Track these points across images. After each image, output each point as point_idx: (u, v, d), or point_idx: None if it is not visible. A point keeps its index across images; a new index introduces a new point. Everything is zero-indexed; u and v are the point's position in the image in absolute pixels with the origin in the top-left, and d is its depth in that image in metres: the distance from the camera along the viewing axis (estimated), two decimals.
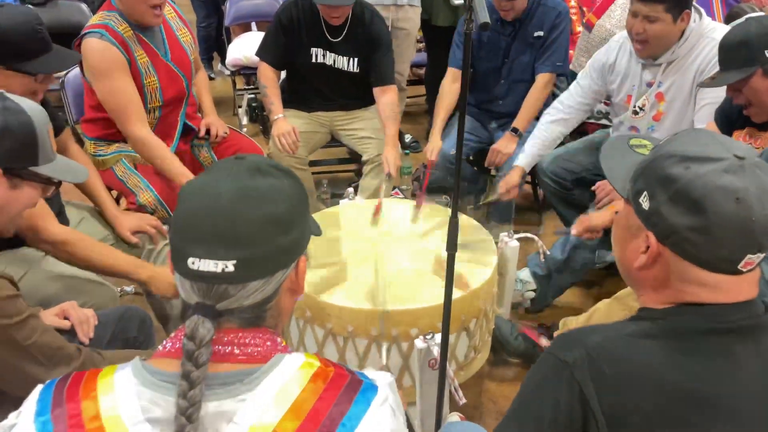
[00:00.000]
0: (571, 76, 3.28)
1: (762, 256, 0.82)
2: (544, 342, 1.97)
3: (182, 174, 2.10)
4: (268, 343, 0.81)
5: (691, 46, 2.11)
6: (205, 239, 0.77)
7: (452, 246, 1.34)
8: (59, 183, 1.34)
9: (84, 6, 3.69)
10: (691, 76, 2.14)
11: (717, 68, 2.03)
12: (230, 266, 0.76)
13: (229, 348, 0.78)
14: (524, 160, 2.45)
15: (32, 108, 1.24)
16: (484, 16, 1.04)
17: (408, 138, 3.82)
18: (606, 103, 2.66)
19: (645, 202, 0.85)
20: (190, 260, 0.77)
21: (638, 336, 0.84)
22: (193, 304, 0.79)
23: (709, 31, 2.10)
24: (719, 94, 1.99)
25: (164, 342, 0.82)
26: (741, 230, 0.79)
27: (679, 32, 2.08)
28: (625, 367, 0.82)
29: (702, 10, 2.14)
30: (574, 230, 2.03)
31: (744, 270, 0.82)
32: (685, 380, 0.80)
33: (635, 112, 2.30)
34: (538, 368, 0.89)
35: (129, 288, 2.49)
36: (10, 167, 1.19)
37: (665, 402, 0.80)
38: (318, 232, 0.91)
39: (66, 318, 1.50)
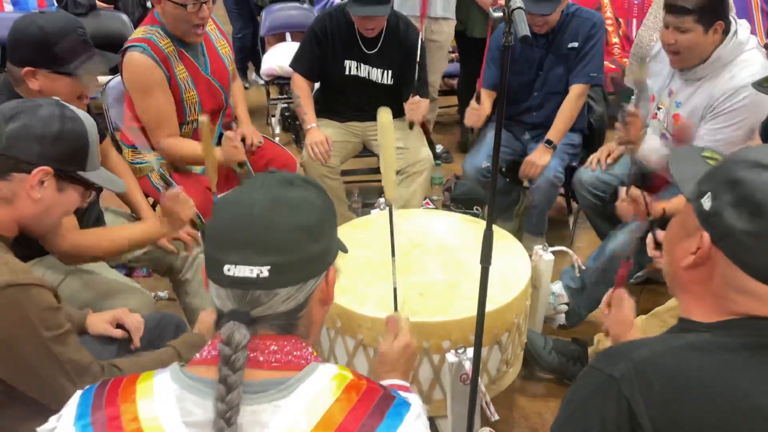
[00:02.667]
0: (624, 93, 3.27)
1: None
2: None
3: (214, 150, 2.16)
4: (302, 351, 0.82)
5: (716, 69, 2.06)
6: (240, 246, 0.79)
7: (486, 259, 1.33)
8: (99, 190, 1.37)
9: (124, 16, 3.78)
10: (704, 102, 2.09)
11: (727, 103, 2.01)
12: (265, 272, 0.78)
13: (264, 355, 0.80)
14: None
15: (86, 118, 1.30)
16: (523, 29, 1.03)
17: (439, 148, 3.81)
18: None
19: (707, 202, 0.86)
20: (225, 267, 0.79)
21: (686, 349, 0.83)
22: (228, 311, 0.80)
23: (739, 62, 2.03)
24: (727, 136, 2.00)
25: (200, 351, 0.83)
26: None
27: (713, 44, 2.04)
28: (675, 381, 0.80)
29: (744, 24, 2.08)
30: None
31: None
32: (737, 395, 0.79)
33: (661, 122, 2.28)
34: (583, 383, 0.87)
35: (163, 293, 2.53)
36: (61, 169, 1.23)
37: (717, 417, 0.78)
38: (345, 250, 0.93)
39: (119, 326, 1.52)
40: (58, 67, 1.63)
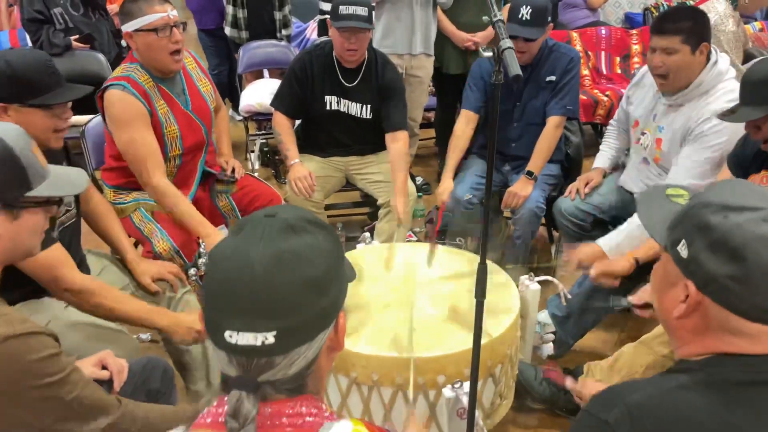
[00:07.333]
0: None
1: None
2: (569, 384, 1.93)
3: (200, 223, 2.12)
4: (315, 410, 0.78)
5: (696, 96, 2.13)
6: (242, 311, 0.73)
7: (481, 293, 1.33)
8: (60, 200, 1.25)
9: (101, 56, 3.76)
10: (682, 127, 2.16)
11: (704, 126, 2.08)
12: (270, 338, 0.73)
13: (277, 420, 0.75)
14: (605, 162, 2.58)
15: (6, 131, 1.16)
16: (515, 68, 1.06)
17: (419, 180, 3.84)
18: None
19: (683, 251, 0.86)
20: (227, 333, 0.73)
21: (679, 390, 0.84)
22: (233, 378, 0.75)
23: (718, 89, 2.11)
24: (702, 159, 2.09)
25: (204, 411, 0.79)
26: None
27: (699, 65, 2.09)
28: (669, 425, 0.80)
29: (724, 56, 2.15)
30: (592, 272, 2.02)
31: None
32: None
33: (644, 147, 2.34)
34: (578, 428, 0.87)
35: (145, 336, 2.47)
36: (5, 199, 1.14)
37: None
38: (353, 276, 0.87)
39: (104, 368, 1.48)
40: (28, 99, 1.60)
